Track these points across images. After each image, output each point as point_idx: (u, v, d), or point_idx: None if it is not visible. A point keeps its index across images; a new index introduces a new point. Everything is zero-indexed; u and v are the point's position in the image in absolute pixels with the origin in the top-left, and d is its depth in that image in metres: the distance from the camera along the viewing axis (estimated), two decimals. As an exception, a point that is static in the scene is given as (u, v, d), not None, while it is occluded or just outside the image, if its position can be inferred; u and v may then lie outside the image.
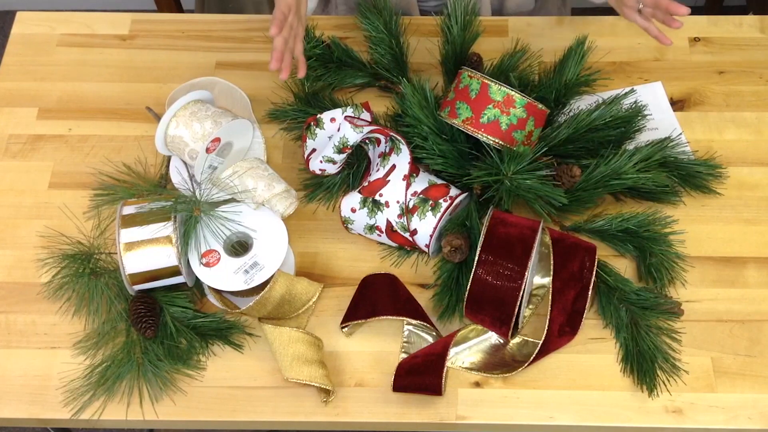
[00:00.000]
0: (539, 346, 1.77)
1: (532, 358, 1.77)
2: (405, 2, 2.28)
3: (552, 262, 1.82)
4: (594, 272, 1.81)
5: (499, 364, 1.81)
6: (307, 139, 1.96)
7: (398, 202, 1.84)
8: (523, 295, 1.72)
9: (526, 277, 1.70)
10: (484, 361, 1.82)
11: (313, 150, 1.95)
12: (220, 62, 2.22)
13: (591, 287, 1.81)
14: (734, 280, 1.90)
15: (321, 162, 1.93)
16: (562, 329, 1.80)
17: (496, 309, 1.74)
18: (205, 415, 1.77)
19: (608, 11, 2.06)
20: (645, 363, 1.77)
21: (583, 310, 1.81)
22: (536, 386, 1.79)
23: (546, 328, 1.77)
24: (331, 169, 1.95)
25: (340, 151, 1.91)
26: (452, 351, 1.80)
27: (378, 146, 1.93)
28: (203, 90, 1.94)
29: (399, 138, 1.87)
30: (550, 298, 1.80)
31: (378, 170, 1.89)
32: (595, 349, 1.82)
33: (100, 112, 2.15)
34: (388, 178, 1.87)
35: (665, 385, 1.77)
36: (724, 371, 1.80)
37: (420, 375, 1.74)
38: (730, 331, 1.84)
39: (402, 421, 1.76)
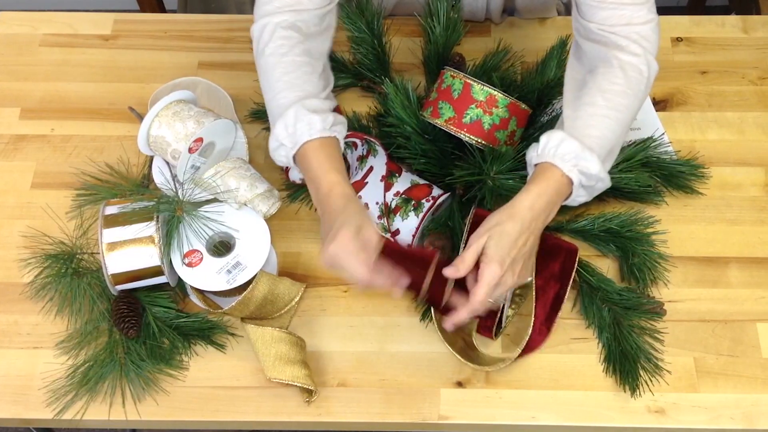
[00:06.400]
0: (525, 340, 1.76)
1: (519, 350, 1.76)
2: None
3: (534, 262, 1.82)
4: (573, 274, 1.82)
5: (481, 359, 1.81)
6: None
7: (377, 203, 1.84)
8: (507, 294, 1.72)
9: None
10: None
11: None
12: (202, 62, 2.22)
13: (569, 287, 1.81)
14: (717, 280, 1.90)
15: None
16: (540, 328, 1.80)
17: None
18: (187, 415, 1.77)
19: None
20: (627, 363, 1.78)
21: (558, 310, 1.81)
22: (519, 386, 1.79)
23: (531, 324, 1.77)
24: None
25: None
26: None
27: (355, 150, 1.93)
28: (186, 90, 1.94)
29: (373, 140, 1.87)
30: (533, 294, 1.80)
31: (356, 173, 1.90)
32: (578, 349, 1.82)
33: (83, 112, 2.14)
34: (366, 180, 1.87)
35: (648, 385, 1.77)
36: (706, 371, 1.80)
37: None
38: (712, 331, 1.84)
39: (384, 421, 1.76)
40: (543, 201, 1.65)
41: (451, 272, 1.62)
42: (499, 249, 1.61)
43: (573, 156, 1.65)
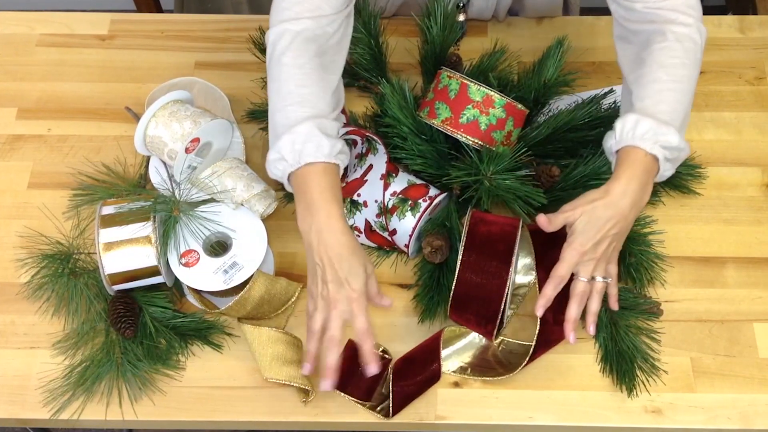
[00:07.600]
0: (535, 336, 1.75)
1: (530, 352, 1.76)
2: None
3: (533, 253, 1.82)
4: None
5: (485, 366, 1.81)
6: None
7: (376, 201, 1.84)
8: (507, 293, 1.72)
9: (511, 272, 1.70)
10: (471, 363, 1.82)
11: None
12: (199, 62, 2.22)
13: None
14: (713, 280, 1.91)
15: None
16: (557, 318, 1.79)
17: (481, 307, 1.73)
18: (184, 416, 1.77)
19: (591, 12, 2.06)
20: (624, 363, 1.78)
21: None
22: (515, 386, 1.79)
23: (538, 319, 1.75)
24: None
25: None
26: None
27: (354, 147, 1.92)
28: (182, 90, 1.94)
29: (375, 138, 1.87)
30: (537, 289, 1.79)
31: (355, 171, 1.89)
32: (575, 349, 1.82)
33: (80, 112, 2.14)
34: (365, 178, 1.87)
35: (644, 385, 1.77)
36: (703, 371, 1.80)
37: (421, 365, 1.79)
38: (709, 331, 1.84)
39: (381, 421, 1.75)
40: (635, 185, 1.66)
41: (543, 221, 1.68)
42: (588, 228, 1.66)
43: (652, 133, 1.66)
